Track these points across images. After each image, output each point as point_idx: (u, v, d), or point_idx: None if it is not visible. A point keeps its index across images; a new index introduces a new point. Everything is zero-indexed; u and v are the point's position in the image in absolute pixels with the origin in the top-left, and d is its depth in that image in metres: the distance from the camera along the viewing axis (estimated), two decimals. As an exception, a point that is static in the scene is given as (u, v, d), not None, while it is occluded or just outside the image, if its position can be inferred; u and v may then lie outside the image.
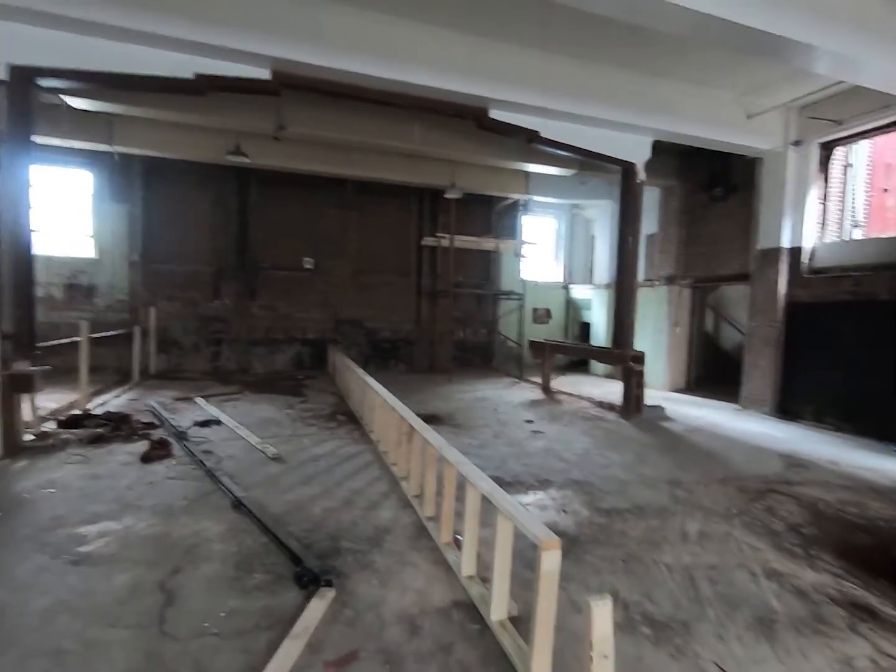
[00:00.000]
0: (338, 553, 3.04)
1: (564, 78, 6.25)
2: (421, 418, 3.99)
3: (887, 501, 4.27)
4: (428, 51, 5.76)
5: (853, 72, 5.43)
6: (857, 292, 6.76)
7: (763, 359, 7.88)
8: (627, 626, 2.45)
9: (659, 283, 10.32)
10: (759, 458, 5.46)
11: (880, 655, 2.31)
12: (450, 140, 8.46)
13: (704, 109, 7.15)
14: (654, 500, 4.12)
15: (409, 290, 11.95)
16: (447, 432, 6.05)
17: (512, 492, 4.18)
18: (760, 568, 3.07)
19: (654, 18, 4.34)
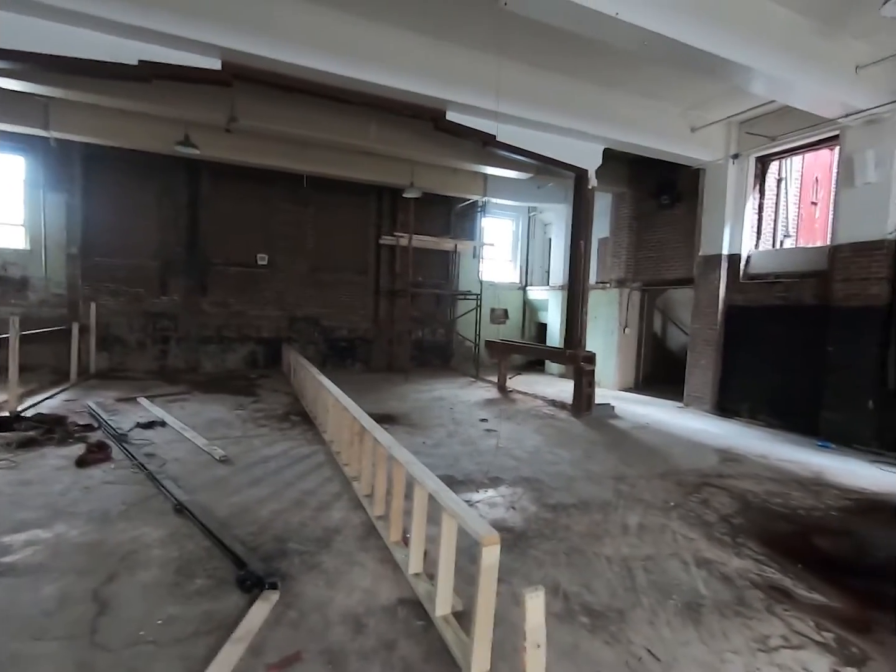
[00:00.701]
0: (284, 555, 3.01)
1: (519, 84, 6.38)
2: (376, 418, 4.01)
3: (808, 491, 4.62)
4: (385, 50, 5.75)
5: (785, 93, 5.84)
6: (787, 297, 7.26)
7: (704, 359, 8.33)
8: (566, 616, 2.55)
9: (610, 285, 10.71)
10: (697, 454, 5.77)
11: (792, 633, 2.52)
12: (408, 140, 8.47)
13: (652, 121, 7.47)
14: (599, 495, 4.29)
15: (367, 289, 11.87)
16: (402, 432, 6.07)
17: (463, 490, 4.26)
18: (692, 557, 3.26)
19: (602, 32, 4.52)
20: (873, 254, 6.15)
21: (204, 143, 8.12)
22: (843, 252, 6.47)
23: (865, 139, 6.25)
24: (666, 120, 7.62)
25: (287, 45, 5.29)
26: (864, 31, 5.43)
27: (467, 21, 5.54)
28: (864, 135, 6.26)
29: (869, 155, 6.16)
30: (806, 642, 2.45)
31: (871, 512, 4.22)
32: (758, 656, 2.33)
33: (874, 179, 6.16)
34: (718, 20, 4.77)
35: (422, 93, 5.97)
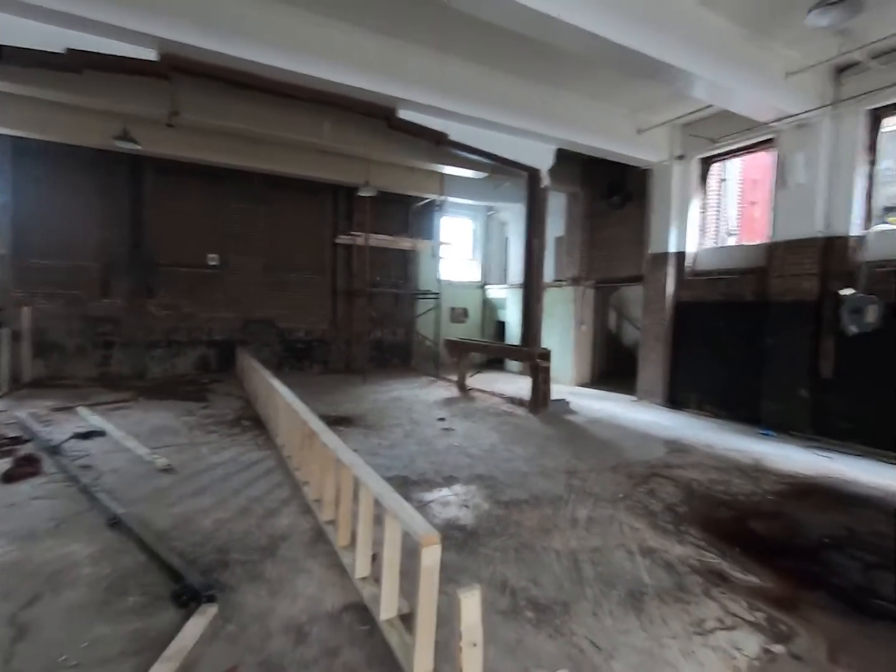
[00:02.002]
0: (226, 566, 2.90)
1: (471, 83, 6.41)
2: (331, 420, 3.95)
3: (748, 478, 4.84)
4: (335, 46, 5.64)
5: (723, 98, 6.10)
6: (729, 293, 7.60)
7: (654, 353, 8.61)
8: (512, 613, 2.57)
9: (566, 283, 10.92)
10: (647, 445, 5.96)
11: (726, 615, 2.62)
12: (362, 138, 8.36)
13: (601, 122, 7.66)
14: (551, 490, 4.36)
15: (323, 289, 11.65)
16: (357, 434, 5.99)
17: (417, 490, 4.24)
18: (637, 546, 3.36)
19: (547, 33, 4.58)
20: (805, 251, 6.52)
21: (145, 137, 7.75)
22: (779, 249, 6.83)
23: (796, 142, 6.61)
24: (614, 121, 7.83)
25: (231, 38, 5.10)
26: (792, 39, 5.73)
27: (417, 18, 5.51)
28: (795, 138, 6.62)
29: (799, 157, 6.52)
30: (739, 623, 2.55)
31: (803, 495, 4.46)
32: (693, 639, 2.41)
33: (804, 181, 6.52)
34: (658, 26, 4.93)
35: (373, 90, 5.89)
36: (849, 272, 6.17)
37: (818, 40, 5.63)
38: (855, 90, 6.07)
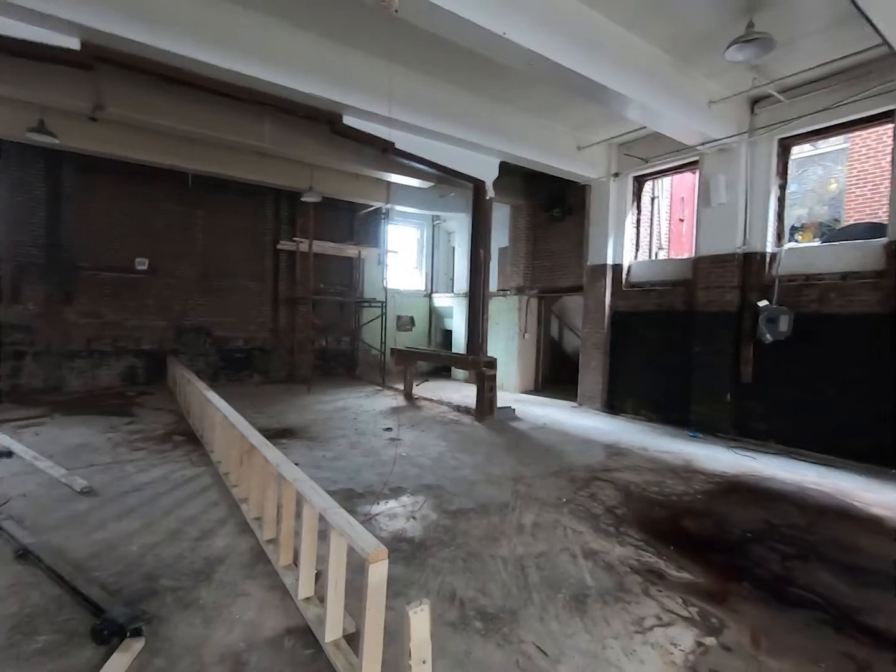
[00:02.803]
0: (155, 594, 2.69)
1: (417, 93, 6.44)
2: (273, 433, 3.79)
3: (679, 478, 5.12)
4: (278, 47, 5.47)
5: (655, 121, 6.49)
6: (661, 303, 8.07)
7: (594, 361, 8.96)
8: (461, 624, 2.55)
9: (510, 293, 11.17)
10: (588, 450, 6.17)
11: (664, 612, 2.74)
12: (305, 142, 8.16)
13: (543, 138, 7.94)
14: (498, 497, 4.40)
15: (264, 296, 11.23)
16: (300, 446, 5.78)
17: (363, 503, 4.14)
18: (580, 549, 3.45)
19: (491, 49, 4.69)
20: (727, 265, 7.04)
21: (65, 131, 7.17)
22: (704, 263, 7.34)
23: (718, 165, 7.15)
24: (555, 138, 8.13)
25: (163, 31, 4.82)
26: (714, 71, 6.20)
27: (364, 26, 5.46)
28: (718, 161, 7.16)
29: (721, 179, 7.06)
30: (675, 619, 2.68)
31: (729, 493, 4.77)
32: (634, 638, 2.50)
33: (726, 200, 7.06)
34: (596, 49, 5.18)
35: (316, 94, 5.77)
36: (765, 285, 6.73)
37: (736, 73, 6.13)
38: (767, 120, 6.67)
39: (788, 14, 5.04)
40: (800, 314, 6.32)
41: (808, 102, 6.20)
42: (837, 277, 6.13)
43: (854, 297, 5.95)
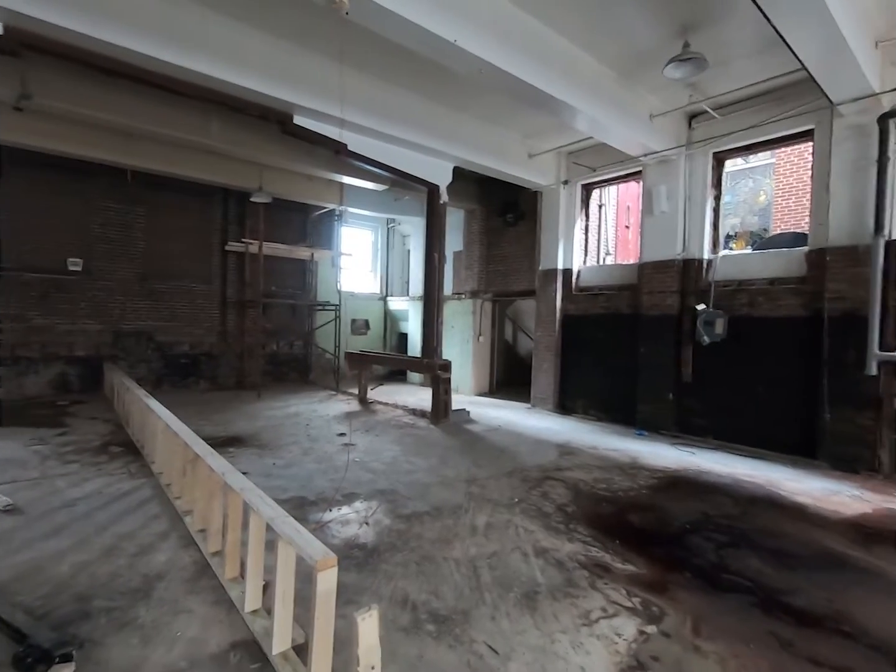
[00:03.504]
0: (87, 616, 2.53)
1: (370, 96, 6.41)
2: (220, 441, 3.66)
3: (626, 475, 5.34)
4: (226, 43, 5.29)
5: (601, 132, 6.75)
6: (608, 307, 8.39)
7: (546, 363, 9.19)
8: (413, 627, 2.55)
9: (465, 296, 11.28)
10: (541, 450, 6.31)
11: (609, 604, 2.85)
12: (255, 141, 7.94)
13: (496, 145, 8.09)
14: (451, 500, 4.43)
15: (211, 299, 10.80)
16: (250, 454, 5.60)
17: (315, 510, 4.06)
18: (532, 548, 3.53)
19: (443, 56, 4.74)
20: (668, 271, 7.42)
21: (-14, 121, 6.65)
22: (648, 269, 7.69)
23: (659, 175, 7.53)
24: (508, 145, 8.30)
25: (98, 19, 4.55)
26: (655, 87, 6.53)
27: (317, 27, 5.38)
28: (659, 172, 7.54)
29: (662, 189, 7.43)
30: (619, 610, 2.79)
31: (671, 487, 5.01)
32: (581, 631, 2.58)
33: (667, 209, 7.44)
34: (546, 62, 5.34)
35: (266, 93, 5.63)
36: (702, 290, 7.13)
37: (675, 90, 6.49)
38: (703, 135, 7.09)
39: (720, 37, 5.39)
40: (733, 317, 6.74)
41: (738, 119, 6.64)
42: (766, 283, 6.58)
43: (780, 301, 6.41)
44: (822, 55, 4.57)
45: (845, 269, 5.72)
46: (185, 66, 5.00)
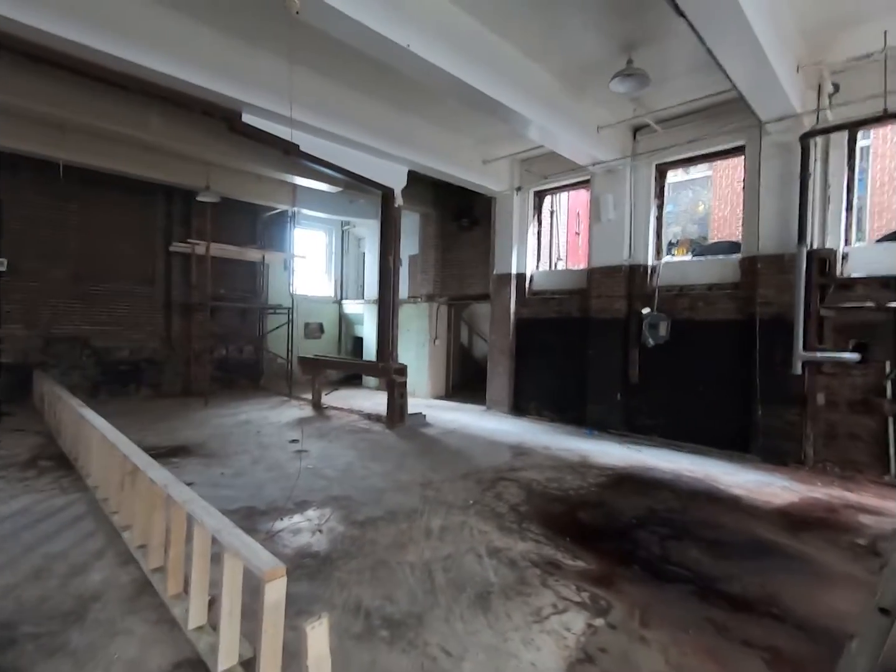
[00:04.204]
0: (13, 644, 2.35)
1: (322, 97, 6.32)
2: (163, 451, 3.52)
3: (576, 473, 5.50)
4: (169, 35, 5.05)
5: (552, 141, 6.96)
6: (560, 311, 8.63)
7: (501, 366, 9.34)
8: (366, 634, 2.53)
9: (421, 300, 11.30)
10: (495, 452, 6.40)
11: (559, 600, 2.93)
12: (200, 138, 7.65)
13: (450, 150, 8.16)
14: (407, 504, 4.42)
15: (154, 302, 10.29)
16: (196, 464, 5.37)
17: (265, 520, 3.95)
18: (485, 548, 3.57)
19: (396, 60, 4.75)
20: (615, 276, 7.73)
21: None
22: (596, 274, 7.98)
23: (607, 185, 7.84)
24: (462, 151, 8.40)
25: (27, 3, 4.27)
26: (602, 100, 6.79)
27: (268, 25, 5.24)
28: (606, 181, 7.85)
29: (609, 197, 7.74)
30: (569, 605, 2.87)
31: (619, 484, 5.21)
32: (533, 628, 2.64)
33: (614, 217, 7.75)
34: (498, 71, 5.44)
35: (213, 89, 5.44)
36: (647, 294, 7.46)
37: (620, 103, 6.79)
38: (646, 147, 7.44)
39: (662, 55, 5.68)
40: (676, 320, 7.10)
41: (678, 133, 7.02)
42: (705, 288, 6.98)
43: (718, 305, 6.82)
44: (750, 77, 4.92)
45: (773, 276, 6.15)
46: (124, 57, 4.74)
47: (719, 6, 3.81)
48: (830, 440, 5.84)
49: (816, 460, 5.88)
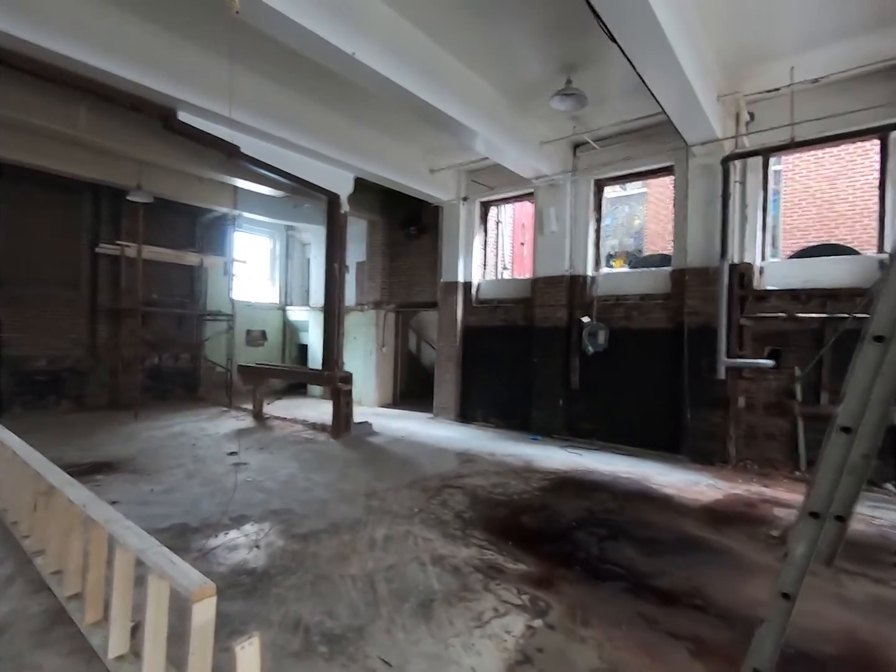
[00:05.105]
0: None
1: (265, 99, 6.18)
2: (86, 468, 3.32)
3: (520, 478, 5.62)
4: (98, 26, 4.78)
5: (497, 154, 7.14)
6: (506, 319, 8.83)
7: (448, 373, 9.41)
8: (305, 651, 2.46)
9: (368, 307, 11.19)
10: (442, 459, 6.42)
11: (501, 604, 2.98)
12: (133, 135, 7.23)
13: (398, 158, 8.19)
14: (350, 515, 4.34)
15: (78, 307, 9.56)
16: (122, 481, 5.03)
17: (199, 537, 3.76)
18: (429, 557, 3.57)
19: (341, 67, 4.73)
20: (557, 286, 8.01)
21: None
22: (540, 284, 8.24)
23: (549, 198, 8.13)
24: (410, 159, 8.45)
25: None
26: (544, 116, 7.05)
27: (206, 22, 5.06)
28: (549, 194, 8.15)
29: (552, 210, 8.03)
30: (510, 608, 2.92)
31: (560, 487, 5.37)
32: (474, 633, 2.67)
33: (556, 229, 8.05)
34: (444, 83, 5.54)
35: (146, 84, 5.18)
36: (587, 304, 7.78)
37: (561, 120, 7.08)
38: (586, 163, 7.80)
39: (599, 78, 5.99)
40: (613, 329, 7.44)
41: (614, 151, 7.40)
42: (639, 298, 7.37)
43: (651, 314, 7.22)
44: (677, 103, 5.29)
45: (700, 288, 6.60)
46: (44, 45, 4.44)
47: (648, 36, 4.08)
48: (750, 440, 6.30)
49: (738, 459, 6.32)
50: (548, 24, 5.04)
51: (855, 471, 1.53)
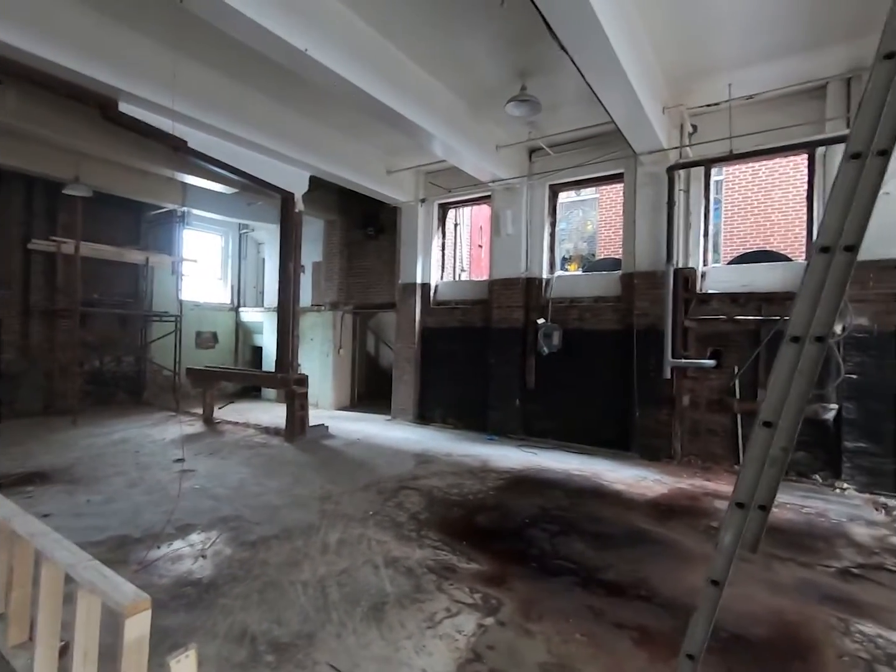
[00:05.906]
0: None
1: (212, 92, 5.97)
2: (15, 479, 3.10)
3: (476, 478, 5.67)
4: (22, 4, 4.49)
5: (455, 157, 7.18)
6: (464, 320, 8.89)
7: (406, 374, 9.38)
8: (251, 662, 2.40)
9: (325, 308, 11.00)
10: (399, 461, 6.39)
11: (453, 603, 2.99)
12: (69, 125, 6.81)
13: (355, 158, 8.10)
14: (303, 520, 4.26)
15: (10, 308, 8.90)
16: (56, 492, 4.73)
17: (140, 548, 3.59)
18: (383, 559, 3.55)
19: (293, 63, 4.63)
20: (514, 288, 8.14)
21: None
22: (497, 286, 8.35)
23: (506, 201, 8.26)
24: (366, 159, 8.37)
25: None
26: (500, 121, 7.16)
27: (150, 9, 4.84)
28: (505, 198, 8.27)
29: (508, 213, 8.16)
30: (462, 607, 2.95)
31: (515, 486, 5.46)
32: (426, 634, 2.67)
33: (512, 232, 8.18)
34: (400, 85, 5.52)
35: (81, 72, 4.89)
36: (542, 306, 7.95)
37: (517, 126, 7.20)
38: (541, 168, 7.97)
39: (552, 85, 6.12)
40: (567, 330, 7.63)
41: (568, 158, 7.61)
42: (592, 301, 7.59)
43: (602, 316, 7.45)
44: (625, 113, 5.49)
45: (648, 291, 6.87)
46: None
47: (598, 50, 4.22)
48: (694, 436, 6.62)
49: (683, 454, 6.62)
50: (504, 31, 5.11)
51: (775, 463, 1.63)
